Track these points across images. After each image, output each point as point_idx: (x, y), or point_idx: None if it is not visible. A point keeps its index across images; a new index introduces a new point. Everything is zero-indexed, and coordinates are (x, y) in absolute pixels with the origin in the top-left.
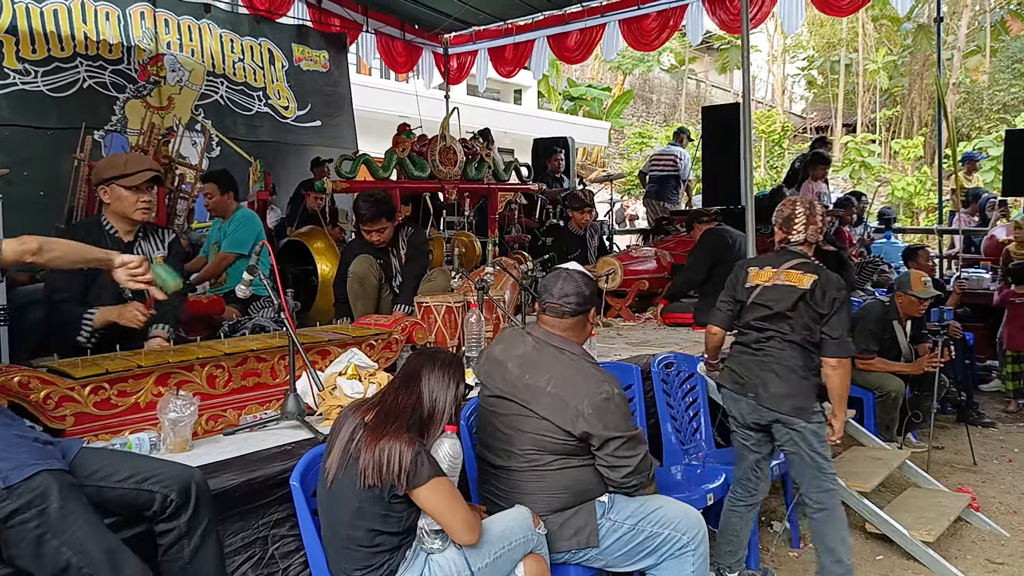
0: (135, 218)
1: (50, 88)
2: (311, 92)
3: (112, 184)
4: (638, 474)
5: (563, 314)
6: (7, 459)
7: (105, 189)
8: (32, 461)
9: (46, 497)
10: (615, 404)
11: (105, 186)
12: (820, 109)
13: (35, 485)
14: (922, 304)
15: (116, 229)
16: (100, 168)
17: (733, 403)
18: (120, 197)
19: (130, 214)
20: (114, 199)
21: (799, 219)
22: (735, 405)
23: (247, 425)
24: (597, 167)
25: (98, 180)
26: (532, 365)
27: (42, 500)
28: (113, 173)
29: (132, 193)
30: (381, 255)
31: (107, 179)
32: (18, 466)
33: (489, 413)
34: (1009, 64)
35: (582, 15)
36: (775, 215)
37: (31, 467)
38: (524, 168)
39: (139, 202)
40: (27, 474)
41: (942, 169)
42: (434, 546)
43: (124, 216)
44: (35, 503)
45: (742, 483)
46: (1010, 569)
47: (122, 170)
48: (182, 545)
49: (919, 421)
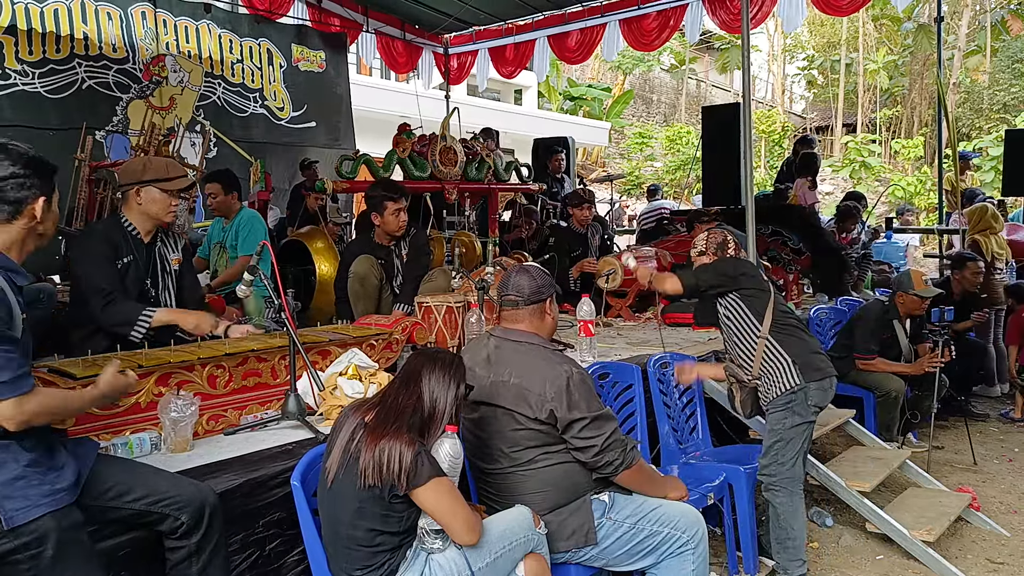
0: (165, 220)
1: (47, 89)
2: (307, 93)
3: (148, 186)
4: (608, 452)
5: (516, 304)
6: (16, 497)
7: (139, 190)
8: (41, 500)
9: (43, 542)
10: (575, 384)
11: (140, 187)
12: (820, 109)
13: (35, 528)
14: (923, 303)
15: (138, 230)
16: (136, 170)
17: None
18: (154, 199)
19: (162, 217)
20: (147, 201)
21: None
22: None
23: (248, 425)
24: (597, 167)
25: (133, 181)
26: (495, 363)
27: (39, 544)
28: (153, 176)
29: (167, 197)
30: (382, 255)
31: (145, 181)
32: (25, 507)
33: (468, 421)
34: (1009, 64)
35: (582, 15)
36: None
37: (38, 508)
38: (524, 168)
39: (171, 206)
40: (32, 516)
41: (942, 169)
42: (434, 546)
43: (154, 218)
44: (31, 546)
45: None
46: (1010, 569)
47: (164, 174)
48: (191, 562)
49: (917, 421)
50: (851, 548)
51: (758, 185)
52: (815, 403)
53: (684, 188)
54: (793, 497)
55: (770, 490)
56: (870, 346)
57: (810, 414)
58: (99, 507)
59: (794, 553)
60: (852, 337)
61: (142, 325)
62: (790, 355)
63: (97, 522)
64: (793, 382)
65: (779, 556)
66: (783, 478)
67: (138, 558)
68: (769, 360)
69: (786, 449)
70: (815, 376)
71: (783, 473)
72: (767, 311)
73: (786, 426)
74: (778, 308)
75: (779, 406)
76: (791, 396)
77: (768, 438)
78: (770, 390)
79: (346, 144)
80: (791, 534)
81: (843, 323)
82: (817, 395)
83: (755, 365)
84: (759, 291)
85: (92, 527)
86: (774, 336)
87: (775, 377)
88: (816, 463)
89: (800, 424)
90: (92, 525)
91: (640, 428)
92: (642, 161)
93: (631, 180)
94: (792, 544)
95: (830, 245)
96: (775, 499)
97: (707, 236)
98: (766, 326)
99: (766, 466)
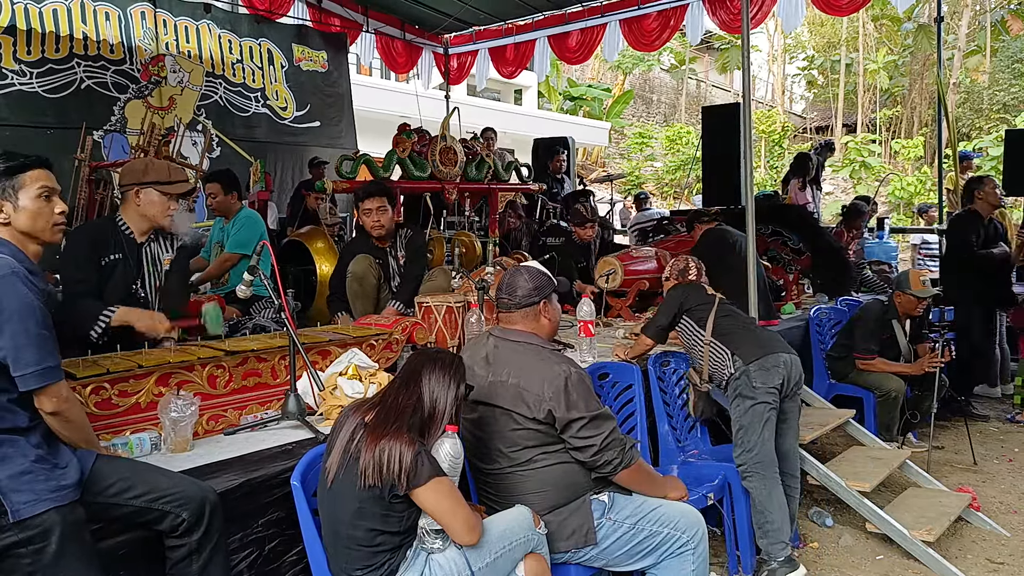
0: (163, 223)
1: (45, 89)
2: (310, 92)
3: (148, 188)
4: (607, 451)
5: (511, 307)
6: (23, 491)
7: (139, 191)
8: (47, 495)
9: (47, 536)
10: (573, 384)
11: (140, 188)
12: (820, 109)
13: (40, 522)
14: (921, 303)
15: (132, 230)
16: (138, 171)
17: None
18: (153, 201)
19: (159, 219)
20: (146, 202)
21: (692, 270)
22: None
23: (248, 425)
24: (597, 167)
25: (133, 181)
26: (493, 363)
27: (43, 539)
28: (155, 178)
29: (166, 200)
30: (380, 255)
31: (146, 183)
32: (32, 500)
33: (467, 421)
34: (1009, 64)
35: (583, 15)
36: (672, 268)
37: (43, 503)
38: (524, 168)
39: (169, 209)
40: (38, 510)
41: (942, 169)
42: (435, 546)
43: (151, 219)
44: (35, 540)
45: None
46: (1010, 569)
47: (165, 177)
48: (191, 560)
49: (916, 421)
50: (851, 548)
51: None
52: (761, 383)
53: (684, 188)
54: (766, 481)
55: (745, 477)
56: (870, 346)
57: (760, 395)
58: (100, 504)
59: (775, 536)
60: (852, 337)
61: (101, 323)
62: (730, 348)
63: (98, 519)
64: (731, 368)
65: (762, 542)
66: (754, 463)
67: (138, 557)
68: (714, 359)
69: (748, 435)
70: (754, 356)
71: (752, 459)
72: (709, 319)
73: (740, 412)
74: (719, 314)
75: (731, 396)
76: (736, 383)
77: (733, 430)
78: (721, 385)
79: (348, 144)
80: (769, 518)
81: (843, 323)
82: (760, 375)
83: (704, 370)
84: (701, 305)
85: (94, 525)
86: (717, 338)
87: (720, 371)
88: (816, 463)
89: (753, 406)
90: (93, 523)
91: (640, 428)
92: (642, 161)
93: (631, 180)
94: (772, 528)
95: (830, 245)
96: (750, 485)
97: (672, 263)
98: (708, 332)
99: (737, 455)
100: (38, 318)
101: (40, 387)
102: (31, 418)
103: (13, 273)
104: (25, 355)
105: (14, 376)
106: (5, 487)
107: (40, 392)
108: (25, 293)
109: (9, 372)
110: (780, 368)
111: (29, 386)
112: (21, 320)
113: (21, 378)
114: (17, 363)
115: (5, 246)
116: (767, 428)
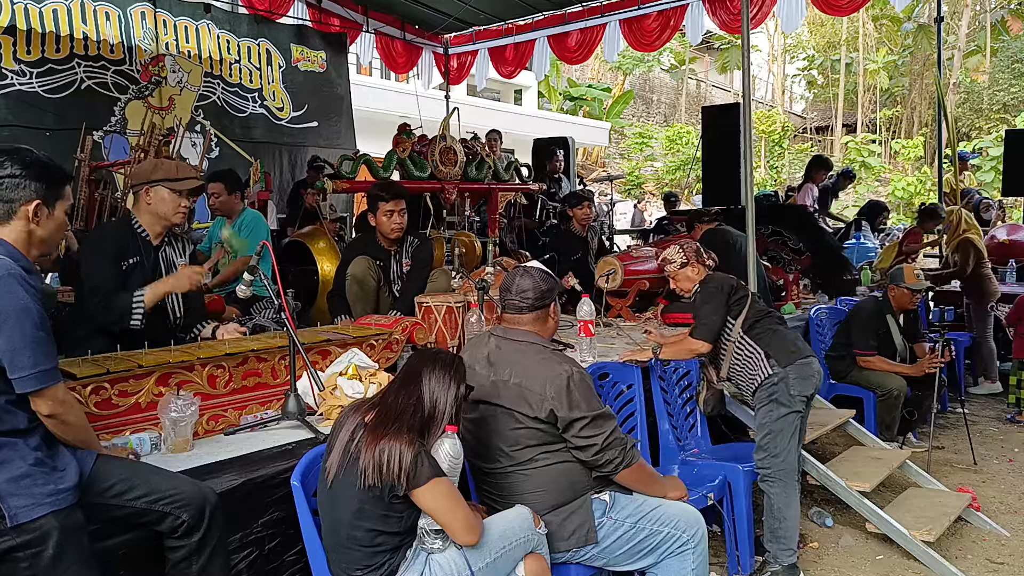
0: (174, 221)
1: (45, 89)
2: (308, 93)
3: (157, 186)
4: (608, 450)
5: (521, 309)
6: (21, 495)
7: (148, 190)
8: (45, 499)
9: (45, 541)
10: (575, 384)
11: (149, 187)
12: (820, 109)
13: (38, 526)
14: (915, 296)
15: (147, 232)
16: (146, 170)
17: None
18: (163, 199)
19: (171, 217)
20: (156, 200)
21: (703, 253)
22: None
23: (248, 425)
24: (597, 167)
25: (143, 180)
26: (495, 363)
27: (40, 543)
28: (163, 176)
29: (177, 197)
30: (382, 257)
31: (154, 180)
32: (29, 504)
33: (467, 421)
34: (1009, 64)
35: (582, 15)
36: (685, 252)
37: (42, 507)
38: (524, 168)
39: (180, 206)
40: (35, 515)
41: (942, 169)
42: (434, 546)
43: (163, 218)
44: (33, 544)
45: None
46: (1010, 569)
47: (173, 174)
48: (191, 562)
49: (914, 420)
50: (851, 548)
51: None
52: (798, 391)
53: (684, 188)
54: (788, 488)
55: (766, 481)
56: (868, 341)
57: (795, 403)
58: (100, 505)
59: (785, 543)
60: (849, 335)
61: (138, 311)
62: (762, 347)
63: (98, 520)
64: (768, 370)
65: (770, 545)
66: (778, 470)
67: (138, 558)
68: (742, 356)
69: (776, 441)
70: (790, 359)
71: (777, 465)
72: (742, 314)
73: (772, 418)
74: (754, 307)
75: (763, 400)
76: (772, 388)
77: (759, 433)
78: (749, 385)
79: (347, 144)
80: (784, 524)
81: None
82: (799, 384)
83: (724, 367)
84: (740, 299)
85: (93, 526)
86: (748, 333)
87: (751, 371)
88: (816, 463)
89: (787, 414)
90: (93, 524)
91: (640, 428)
92: (642, 161)
93: (631, 180)
94: (784, 534)
95: (830, 245)
96: (771, 490)
97: (681, 248)
98: (738, 327)
99: (761, 459)
100: (35, 320)
101: (36, 390)
102: (30, 419)
103: (10, 274)
104: (21, 357)
105: (11, 378)
106: (3, 491)
107: (36, 395)
108: (22, 295)
109: (6, 374)
110: (814, 378)
111: (25, 388)
112: (18, 322)
113: (17, 380)
114: (13, 365)
115: (2, 246)
116: (795, 437)
